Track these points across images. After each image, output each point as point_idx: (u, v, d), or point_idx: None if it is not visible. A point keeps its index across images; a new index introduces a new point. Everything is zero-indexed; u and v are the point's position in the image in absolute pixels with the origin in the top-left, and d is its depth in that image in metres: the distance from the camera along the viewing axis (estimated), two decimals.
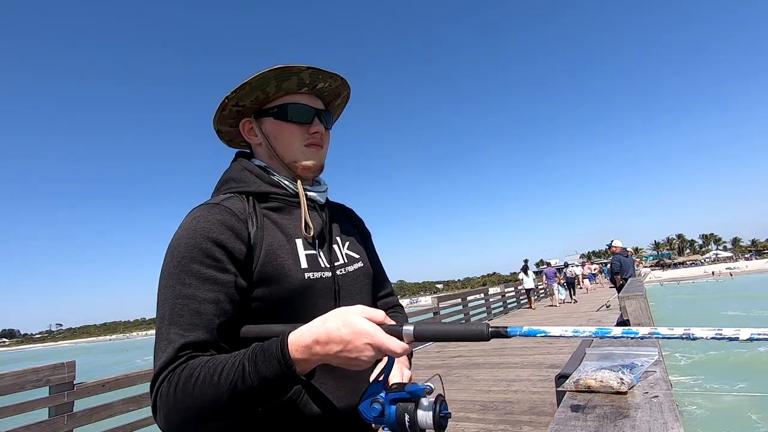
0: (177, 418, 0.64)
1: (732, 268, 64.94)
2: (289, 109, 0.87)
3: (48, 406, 3.13)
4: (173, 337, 0.67)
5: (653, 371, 1.25)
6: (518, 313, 13.58)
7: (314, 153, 0.90)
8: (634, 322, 2.56)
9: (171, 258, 0.73)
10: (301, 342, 0.63)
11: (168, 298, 0.70)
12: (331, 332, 0.62)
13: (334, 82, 0.91)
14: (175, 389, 0.63)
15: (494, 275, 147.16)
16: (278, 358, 0.62)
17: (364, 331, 0.62)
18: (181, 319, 0.68)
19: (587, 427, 0.91)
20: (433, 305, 9.57)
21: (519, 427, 3.30)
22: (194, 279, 0.71)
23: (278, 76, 0.84)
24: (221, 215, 0.77)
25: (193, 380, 0.63)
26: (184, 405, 0.63)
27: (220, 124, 0.93)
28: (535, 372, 5.12)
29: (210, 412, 0.63)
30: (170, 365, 0.65)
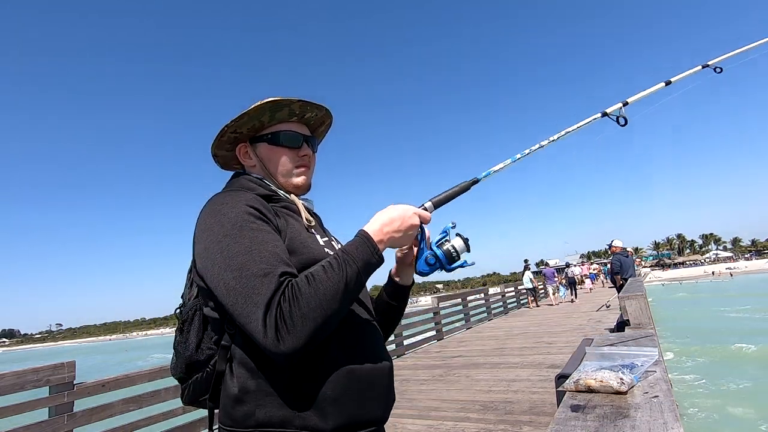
0: (305, 320, 0.72)
1: (732, 268, 64.92)
2: (281, 136, 1.00)
3: (48, 406, 3.13)
4: (273, 268, 0.75)
5: (653, 371, 1.25)
6: (518, 314, 13.59)
7: (303, 173, 1.04)
8: (634, 322, 2.56)
9: (221, 227, 0.80)
10: (374, 227, 0.87)
11: (238, 251, 0.76)
12: (389, 214, 0.89)
13: (320, 112, 1.06)
14: (297, 301, 0.72)
15: (494, 275, 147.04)
16: (366, 242, 0.83)
17: (408, 207, 0.91)
18: (270, 257, 0.77)
19: (587, 427, 0.91)
20: (433, 305, 9.57)
21: (519, 427, 3.30)
22: (257, 232, 0.80)
23: (272, 108, 0.97)
24: (253, 196, 0.88)
25: (309, 283, 0.74)
26: (309, 305, 0.72)
27: (217, 148, 1.05)
28: (535, 372, 5.12)
29: (331, 303, 0.74)
30: (278, 290, 0.73)
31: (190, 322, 0.90)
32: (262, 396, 0.79)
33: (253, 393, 0.79)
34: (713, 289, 34.94)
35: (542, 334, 8.30)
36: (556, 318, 10.81)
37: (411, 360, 7.22)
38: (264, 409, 0.78)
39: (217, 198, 0.88)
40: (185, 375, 0.91)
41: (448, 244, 0.96)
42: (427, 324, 9.11)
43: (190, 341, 0.89)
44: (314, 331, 0.73)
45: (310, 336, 0.72)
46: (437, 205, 0.99)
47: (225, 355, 0.85)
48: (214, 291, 0.78)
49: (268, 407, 0.78)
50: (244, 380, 0.80)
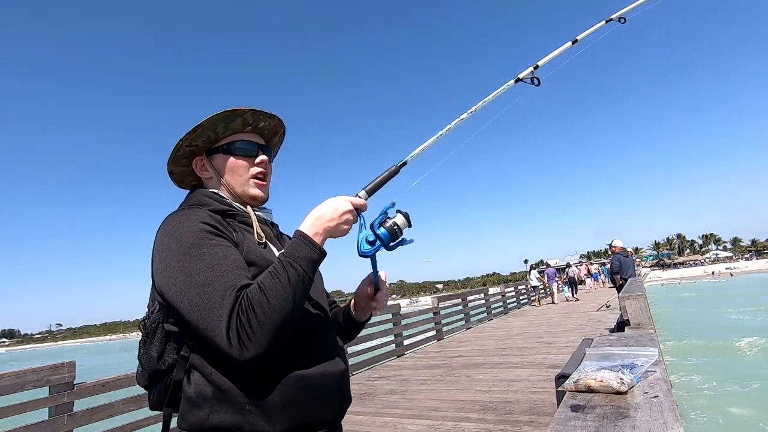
0: (263, 327, 0.76)
1: (732, 268, 64.91)
2: (236, 146, 1.02)
3: (48, 406, 3.13)
4: (231, 282, 0.80)
5: (653, 371, 1.25)
6: (518, 314, 13.59)
7: (260, 186, 1.05)
8: (634, 322, 2.56)
9: (179, 245, 0.83)
10: (307, 224, 0.89)
11: (199, 269, 0.81)
12: (321, 208, 0.90)
13: (273, 121, 1.08)
14: (253, 310, 0.77)
15: (494, 275, 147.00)
16: (303, 240, 0.86)
17: (340, 198, 0.92)
18: (227, 272, 0.81)
19: (587, 427, 0.91)
20: (433, 305, 9.57)
21: (519, 427, 3.30)
22: (215, 248, 0.84)
23: (225, 118, 0.99)
24: (207, 213, 0.91)
25: (261, 292, 0.78)
26: (267, 316, 0.77)
27: (174, 165, 1.05)
28: (535, 372, 5.12)
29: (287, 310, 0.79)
30: (236, 304, 0.77)
31: (153, 334, 0.95)
32: (217, 402, 0.83)
33: (208, 399, 0.84)
34: (713, 289, 34.93)
35: (542, 334, 8.30)
36: (556, 318, 10.81)
37: (411, 360, 7.22)
38: (217, 414, 0.83)
39: (174, 217, 0.90)
40: (149, 384, 0.98)
41: (390, 221, 0.95)
42: (427, 324, 9.11)
43: (152, 352, 0.94)
44: (273, 334, 0.78)
45: (270, 340, 0.77)
46: (370, 192, 1.00)
47: (183, 365, 0.89)
48: (177, 307, 0.82)
49: (221, 413, 0.83)
50: (201, 387, 0.85)
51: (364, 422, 3.94)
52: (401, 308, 8.31)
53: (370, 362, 6.89)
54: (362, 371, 6.57)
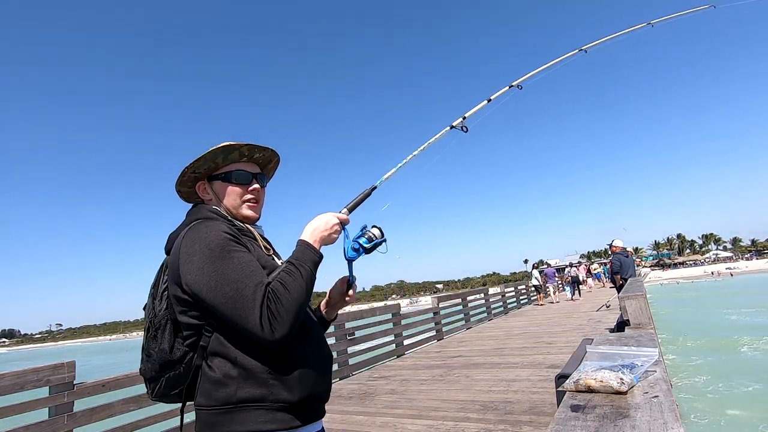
0: (288, 313, 0.98)
1: (732, 268, 64.89)
2: (233, 174, 1.22)
3: (48, 406, 3.13)
4: (256, 280, 1.00)
5: (653, 371, 1.25)
6: (518, 314, 13.59)
7: (252, 207, 1.25)
8: (634, 322, 2.56)
9: (210, 250, 1.02)
10: (306, 234, 1.15)
11: (232, 267, 1.01)
12: (315, 222, 1.18)
13: (266, 153, 1.28)
14: (277, 298, 0.99)
15: (494, 275, 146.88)
16: (306, 246, 1.12)
17: (329, 214, 1.22)
18: (254, 271, 1.02)
19: (587, 427, 0.91)
20: (433, 305, 9.57)
21: (519, 427, 3.30)
22: (241, 253, 1.05)
23: (224, 151, 1.19)
24: (226, 225, 1.12)
25: (283, 286, 1.01)
26: (289, 305, 0.99)
27: (180, 186, 1.26)
28: (535, 372, 5.12)
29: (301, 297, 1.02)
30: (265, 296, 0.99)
31: (163, 329, 1.11)
32: (242, 380, 1.01)
33: (234, 378, 1.01)
34: (713, 289, 34.93)
35: (542, 334, 8.30)
36: (556, 318, 10.81)
37: (411, 360, 7.22)
38: (244, 389, 1.01)
39: (199, 227, 1.08)
40: (158, 374, 1.12)
41: (369, 233, 1.25)
42: (427, 324, 9.11)
43: (163, 345, 1.10)
44: (294, 318, 0.99)
45: (292, 323, 0.99)
46: (350, 210, 1.34)
47: (202, 354, 1.06)
48: (212, 301, 0.99)
49: (248, 388, 1.01)
50: (226, 369, 1.02)
51: (364, 422, 3.94)
52: (401, 308, 8.31)
53: (370, 362, 6.89)
54: (362, 371, 6.57)
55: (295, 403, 1.04)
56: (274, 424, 1.01)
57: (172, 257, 1.08)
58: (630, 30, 3.02)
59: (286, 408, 1.03)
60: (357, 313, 7.07)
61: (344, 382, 6.00)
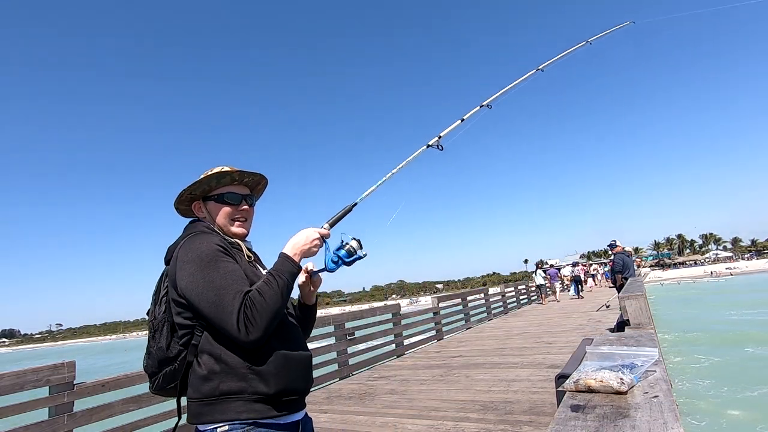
0: (262, 318, 1.13)
1: (732, 268, 64.85)
2: (225, 196, 1.40)
3: (48, 406, 3.13)
4: (237, 288, 1.15)
5: (653, 371, 1.26)
6: (518, 314, 13.59)
7: (241, 225, 1.42)
8: (634, 322, 2.56)
9: (200, 260, 1.19)
10: (288, 249, 1.29)
11: (217, 276, 1.17)
12: (297, 237, 1.32)
13: (255, 177, 1.45)
14: (253, 305, 1.13)
15: (494, 275, 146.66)
16: (286, 258, 1.26)
17: (310, 229, 1.35)
18: (236, 281, 1.17)
19: (587, 427, 0.91)
20: (433, 305, 9.57)
21: (519, 427, 3.30)
22: (228, 264, 1.21)
23: (218, 176, 1.37)
24: (219, 238, 1.29)
25: (259, 297, 1.15)
26: (263, 311, 1.13)
27: (179, 204, 1.44)
28: (535, 372, 5.12)
29: (277, 307, 1.16)
30: (243, 301, 1.13)
31: (161, 329, 1.26)
32: (224, 375, 1.16)
33: (217, 373, 1.16)
34: (713, 289, 34.93)
35: (542, 334, 8.30)
36: (556, 318, 10.81)
37: (411, 360, 7.22)
38: (226, 383, 1.15)
39: (195, 239, 1.25)
40: (157, 369, 1.27)
41: (348, 245, 1.38)
42: (427, 324, 9.11)
43: (161, 344, 1.25)
44: (267, 323, 1.14)
45: (265, 327, 1.13)
46: (332, 225, 1.48)
47: (194, 351, 1.21)
48: (198, 305, 1.16)
49: (229, 382, 1.15)
50: (211, 365, 1.17)
51: (364, 422, 3.94)
52: (401, 308, 8.31)
53: (370, 362, 6.89)
54: (362, 371, 6.57)
55: (271, 395, 1.17)
56: (251, 414, 1.15)
57: (172, 265, 1.25)
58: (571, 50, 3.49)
59: (263, 400, 1.16)
60: (357, 313, 7.07)
61: (344, 382, 6.00)
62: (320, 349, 6.02)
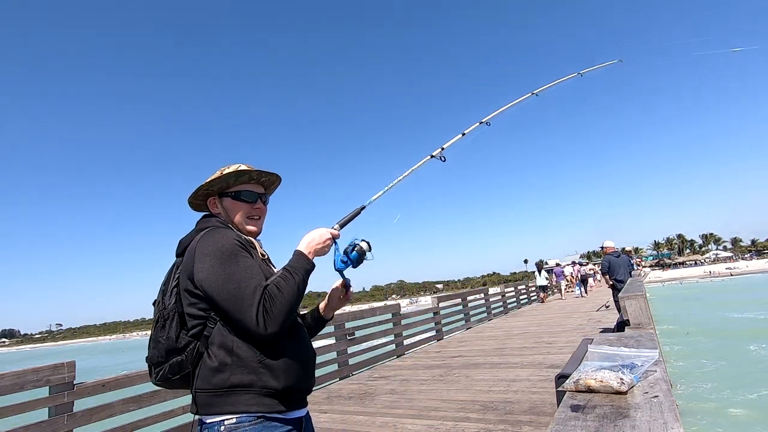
0: (280, 312, 1.15)
1: (732, 268, 64.83)
2: (242, 194, 1.42)
3: (48, 406, 3.13)
4: (257, 282, 1.17)
5: (653, 371, 1.25)
6: (518, 314, 13.59)
7: (255, 223, 1.44)
8: (634, 322, 2.56)
9: (220, 254, 1.20)
10: (302, 245, 1.32)
11: (236, 271, 1.18)
12: (310, 234, 1.35)
13: (272, 177, 1.48)
14: (272, 298, 1.15)
15: (494, 275, 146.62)
16: (301, 256, 1.29)
17: (322, 228, 1.38)
18: (256, 275, 1.19)
19: (587, 427, 0.91)
20: (433, 305, 9.57)
21: (519, 427, 3.30)
22: (246, 259, 1.23)
23: (237, 175, 1.39)
24: (235, 234, 1.32)
25: (278, 289, 1.17)
26: (281, 303, 1.15)
27: (193, 199, 1.44)
28: (535, 372, 5.12)
29: (294, 302, 1.18)
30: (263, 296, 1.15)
31: (171, 320, 1.27)
32: (236, 368, 1.17)
33: (229, 366, 1.17)
34: (713, 289, 34.92)
35: (542, 334, 8.30)
36: (556, 318, 10.82)
37: (411, 360, 7.22)
38: (237, 376, 1.16)
39: (214, 233, 1.27)
40: (164, 359, 1.27)
41: (358, 246, 1.40)
42: (427, 324, 9.11)
43: (170, 333, 1.26)
44: (284, 317, 1.15)
45: (283, 321, 1.15)
46: (342, 226, 1.50)
47: (205, 343, 1.22)
48: (217, 297, 1.16)
49: (240, 375, 1.16)
50: (222, 358, 1.18)
51: (364, 422, 3.94)
52: (401, 308, 8.31)
53: (370, 362, 6.89)
54: (362, 371, 6.57)
55: (280, 391, 1.19)
56: (260, 407, 1.16)
57: (188, 256, 1.26)
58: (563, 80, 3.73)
59: (272, 394, 1.18)
60: (357, 313, 7.07)
61: (344, 382, 6.00)
62: (320, 349, 6.02)
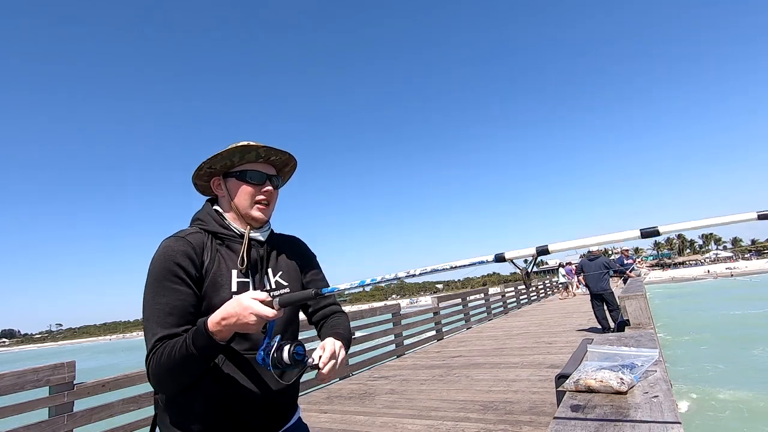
0: (160, 379, 1.00)
1: (732, 268, 64.84)
2: (248, 174, 1.21)
3: (48, 406, 3.13)
4: (154, 331, 1.01)
5: (653, 371, 1.26)
6: (518, 314, 13.59)
7: (262, 209, 1.22)
8: (634, 322, 2.56)
9: (149, 276, 1.06)
10: (213, 320, 0.98)
11: (148, 305, 1.04)
12: (228, 310, 0.97)
13: (283, 156, 1.26)
14: (155, 364, 0.99)
15: (494, 275, 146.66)
16: (202, 332, 0.97)
17: (247, 305, 0.95)
18: (158, 318, 1.02)
19: (587, 427, 0.91)
20: (433, 305, 9.57)
21: (519, 427, 3.30)
22: (165, 290, 1.04)
23: (242, 150, 1.18)
24: (184, 247, 1.10)
25: (162, 356, 0.99)
26: (160, 371, 0.99)
27: (196, 179, 1.26)
28: (535, 372, 5.12)
29: (174, 373, 0.99)
30: (153, 351, 1.00)
31: None
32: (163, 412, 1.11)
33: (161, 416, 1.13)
34: (713, 289, 34.93)
35: (542, 334, 8.30)
36: (556, 318, 10.81)
37: (411, 360, 7.22)
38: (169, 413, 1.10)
39: (162, 245, 1.10)
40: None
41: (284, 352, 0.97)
42: (427, 324, 9.11)
43: None
44: (162, 387, 1.02)
45: (161, 389, 1.03)
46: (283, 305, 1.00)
47: None
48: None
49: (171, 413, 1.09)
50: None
51: (364, 422, 3.94)
52: (401, 308, 8.31)
53: (370, 362, 6.89)
54: (362, 371, 6.57)
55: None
56: None
57: None
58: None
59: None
60: (357, 313, 7.07)
61: (344, 381, 6.00)
62: None
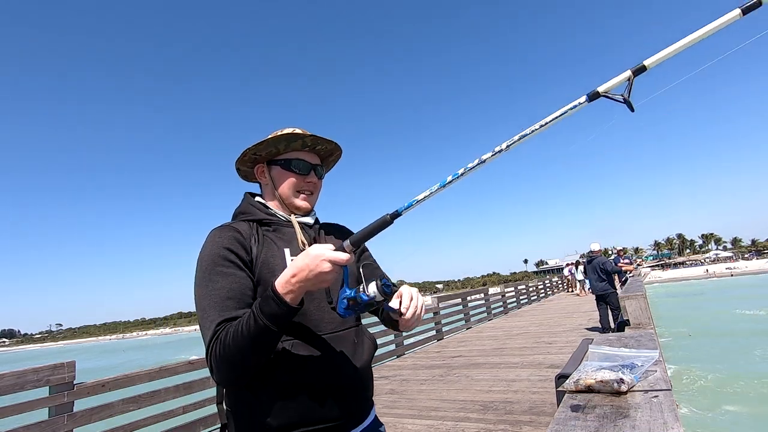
0: (224, 367, 0.91)
1: (732, 268, 64.82)
2: (293, 163, 1.17)
3: (48, 406, 3.13)
4: (213, 318, 0.95)
5: (653, 371, 1.25)
6: (518, 314, 13.59)
7: (306, 198, 1.20)
8: (634, 321, 2.56)
9: (199, 267, 1.02)
10: (282, 280, 0.91)
11: (204, 294, 0.99)
12: (297, 264, 0.90)
13: (330, 145, 1.22)
14: (219, 348, 0.91)
15: (494, 275, 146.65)
16: (272, 297, 0.89)
17: (318, 253, 0.89)
18: (216, 304, 0.97)
19: (587, 427, 0.91)
20: (433, 305, 9.57)
21: (519, 427, 3.30)
22: (219, 276, 1.00)
23: (288, 138, 1.14)
24: (232, 232, 1.07)
25: (228, 337, 0.91)
26: (225, 354, 0.90)
27: (240, 164, 1.23)
28: (535, 372, 5.12)
29: (242, 353, 0.90)
30: (215, 336, 0.93)
31: None
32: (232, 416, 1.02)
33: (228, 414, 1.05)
34: (713, 289, 34.93)
35: (542, 334, 8.30)
36: (556, 318, 10.81)
37: (411, 360, 7.22)
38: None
39: (209, 236, 1.07)
40: None
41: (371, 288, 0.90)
42: (427, 324, 9.11)
43: None
44: (230, 373, 0.92)
45: (228, 377, 0.93)
46: (356, 244, 0.92)
47: None
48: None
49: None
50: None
51: None
52: None
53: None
54: None
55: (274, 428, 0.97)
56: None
57: None
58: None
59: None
60: None
61: None
62: None
